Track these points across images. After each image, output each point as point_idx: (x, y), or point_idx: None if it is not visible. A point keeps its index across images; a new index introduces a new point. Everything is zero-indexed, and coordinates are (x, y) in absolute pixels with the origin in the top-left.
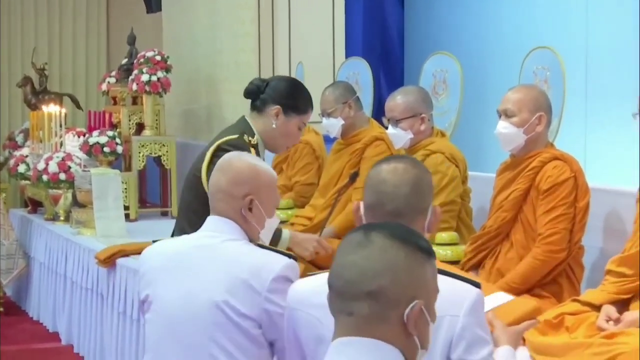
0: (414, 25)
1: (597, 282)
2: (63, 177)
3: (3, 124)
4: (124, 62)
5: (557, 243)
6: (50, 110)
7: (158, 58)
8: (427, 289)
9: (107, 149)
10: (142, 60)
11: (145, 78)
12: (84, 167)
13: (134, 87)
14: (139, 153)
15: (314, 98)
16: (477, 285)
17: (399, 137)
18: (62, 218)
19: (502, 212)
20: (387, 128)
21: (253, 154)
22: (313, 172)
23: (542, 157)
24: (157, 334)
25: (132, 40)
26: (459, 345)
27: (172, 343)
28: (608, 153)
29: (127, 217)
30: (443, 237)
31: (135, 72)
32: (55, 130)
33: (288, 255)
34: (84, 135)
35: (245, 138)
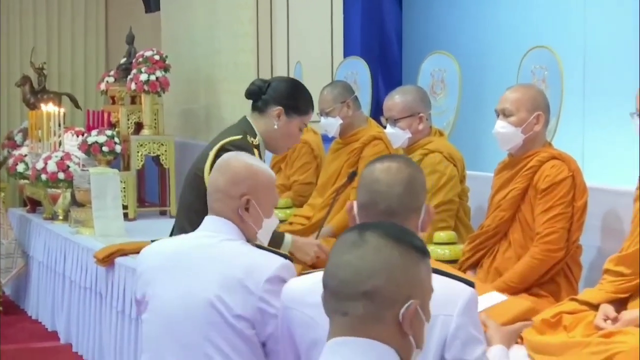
0: (412, 25)
1: (595, 281)
2: (62, 176)
3: (2, 124)
4: (123, 61)
5: (555, 242)
6: (49, 110)
7: (157, 57)
8: (422, 289)
9: (105, 149)
10: (140, 60)
11: (144, 77)
12: (83, 166)
13: (133, 86)
14: (138, 152)
15: (313, 97)
16: (470, 285)
17: (397, 136)
18: (60, 217)
19: (500, 211)
20: (385, 127)
21: (256, 155)
22: (311, 171)
23: (540, 156)
24: (154, 334)
25: (130, 40)
26: (453, 345)
27: (169, 342)
28: (606, 152)
29: (125, 216)
30: (441, 236)
31: (134, 71)
32: (54, 130)
33: (284, 256)
34: (83, 135)
35: (248, 139)
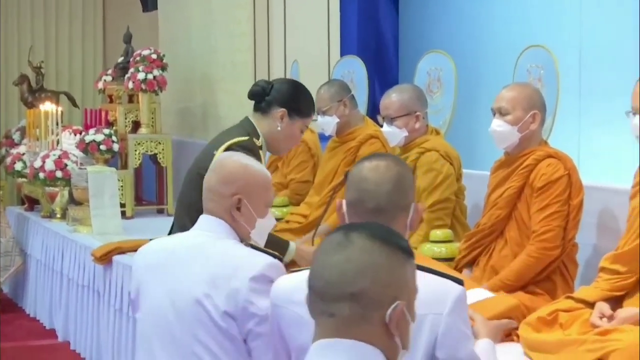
0: (409, 24)
1: (590, 279)
2: (59, 174)
3: (0, 122)
4: (120, 60)
5: (551, 240)
6: (47, 108)
7: (154, 56)
8: (408, 289)
9: (103, 147)
10: (138, 59)
11: (142, 76)
12: (81, 164)
13: (130, 85)
14: (135, 151)
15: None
16: (459, 282)
17: (394, 135)
18: (58, 215)
19: (496, 209)
20: (382, 126)
21: (261, 156)
22: (308, 169)
23: (536, 155)
24: (146, 332)
25: (128, 39)
26: (445, 343)
27: (160, 341)
28: (602, 151)
29: (123, 214)
30: (437, 234)
31: (132, 70)
32: (52, 128)
33: (273, 256)
34: (81, 133)
35: (254, 140)
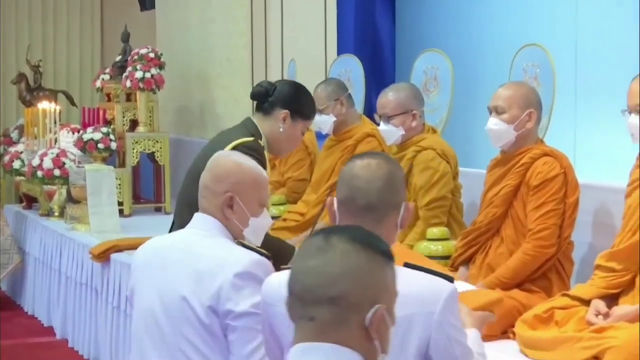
0: (405, 23)
1: (586, 277)
2: (57, 173)
3: None
4: (118, 59)
5: (547, 238)
6: (45, 107)
7: (152, 55)
8: (388, 293)
9: (101, 145)
10: (135, 58)
11: (139, 75)
12: (78, 163)
13: (128, 83)
14: (133, 149)
15: None
16: (450, 280)
17: (391, 133)
18: (56, 214)
19: (492, 207)
20: (378, 124)
21: (266, 157)
22: (305, 168)
23: (532, 153)
24: (139, 330)
25: (125, 38)
26: (439, 342)
27: (150, 338)
28: (597, 149)
29: (121, 212)
30: (434, 232)
31: (129, 69)
32: (50, 127)
33: (261, 254)
34: (78, 132)
35: (259, 141)
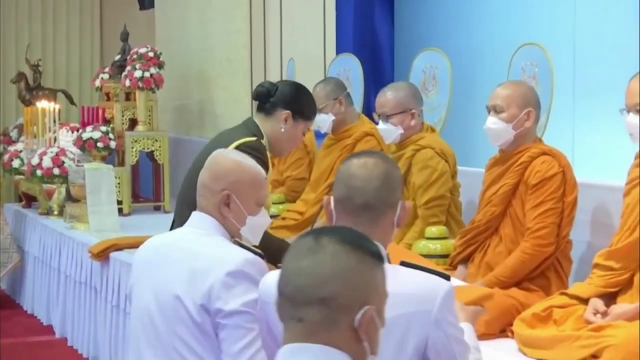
0: (404, 22)
1: (584, 275)
2: (57, 172)
3: None
4: (117, 58)
5: (545, 237)
6: (44, 106)
7: (151, 54)
8: (378, 294)
9: (100, 144)
10: (135, 57)
11: (138, 74)
12: (78, 162)
13: (127, 83)
14: (132, 148)
15: None
16: (447, 278)
17: (390, 132)
18: (56, 212)
19: (491, 206)
20: (377, 124)
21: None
22: (304, 167)
23: (530, 152)
24: (135, 329)
25: (125, 37)
26: (438, 339)
27: (146, 337)
28: (596, 148)
29: (120, 211)
30: (433, 231)
31: (129, 68)
32: (49, 126)
33: (254, 252)
34: (78, 131)
35: (261, 141)
